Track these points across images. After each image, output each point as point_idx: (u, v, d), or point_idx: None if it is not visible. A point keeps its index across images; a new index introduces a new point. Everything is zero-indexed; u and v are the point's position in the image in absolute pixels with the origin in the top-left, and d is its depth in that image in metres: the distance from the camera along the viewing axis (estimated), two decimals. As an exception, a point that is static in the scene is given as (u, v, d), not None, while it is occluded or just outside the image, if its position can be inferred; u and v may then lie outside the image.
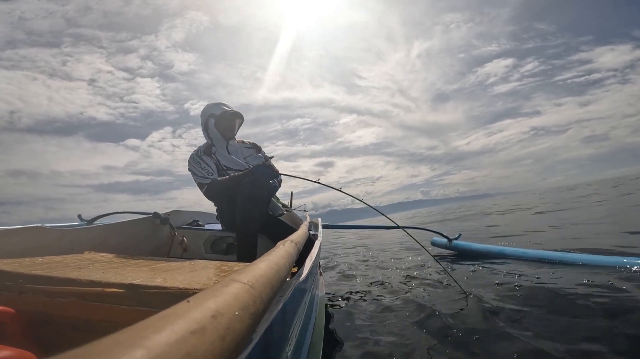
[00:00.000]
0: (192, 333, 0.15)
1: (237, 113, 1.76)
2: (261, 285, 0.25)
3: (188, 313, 0.15)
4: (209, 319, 0.15)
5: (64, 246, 1.10)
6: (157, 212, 1.69)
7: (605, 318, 1.19)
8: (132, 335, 0.15)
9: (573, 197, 10.43)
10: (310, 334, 0.89)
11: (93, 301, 0.51)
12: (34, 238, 1.01)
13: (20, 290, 0.54)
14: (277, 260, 0.37)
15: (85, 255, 0.92)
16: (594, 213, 5.04)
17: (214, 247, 1.82)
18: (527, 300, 1.49)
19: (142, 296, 0.51)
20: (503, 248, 2.64)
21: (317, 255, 0.89)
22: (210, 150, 1.76)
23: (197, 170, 1.67)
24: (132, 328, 0.15)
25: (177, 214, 1.97)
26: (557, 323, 1.22)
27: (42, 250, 1.01)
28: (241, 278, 0.24)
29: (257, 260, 0.35)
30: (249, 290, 0.22)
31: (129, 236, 1.49)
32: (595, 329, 1.12)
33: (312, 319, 0.96)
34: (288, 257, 0.43)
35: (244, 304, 0.19)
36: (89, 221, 1.73)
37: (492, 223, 6.09)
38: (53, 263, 0.71)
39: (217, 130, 1.73)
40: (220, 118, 1.72)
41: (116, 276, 0.59)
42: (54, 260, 0.77)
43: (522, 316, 1.31)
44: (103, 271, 0.66)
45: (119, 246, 1.39)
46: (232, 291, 0.20)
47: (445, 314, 1.44)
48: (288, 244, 0.52)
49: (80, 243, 1.17)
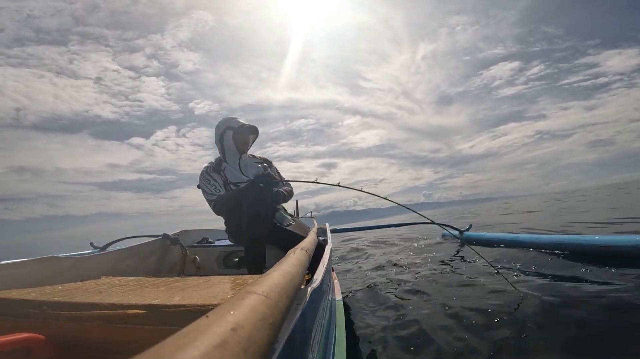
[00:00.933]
0: (215, 348, 0.16)
1: (254, 128, 1.79)
2: (277, 295, 0.26)
3: (209, 328, 0.16)
4: (230, 332, 0.16)
5: (80, 273, 1.13)
6: (166, 234, 1.73)
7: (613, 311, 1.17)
8: (157, 355, 0.16)
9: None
10: (333, 338, 0.89)
11: (116, 323, 0.52)
12: (49, 268, 1.04)
13: (45, 316, 0.56)
14: (289, 268, 0.37)
15: (103, 280, 0.94)
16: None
17: (226, 262, 1.84)
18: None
19: (163, 315, 0.52)
20: (517, 235, 2.60)
21: (328, 260, 0.90)
22: (219, 166, 1.79)
23: (206, 187, 1.71)
24: (156, 348, 0.16)
25: (186, 233, 2.01)
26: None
27: (59, 277, 1.03)
28: (256, 289, 0.24)
29: (270, 270, 0.35)
30: (265, 300, 0.23)
31: (142, 259, 1.52)
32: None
33: (333, 324, 0.96)
34: (300, 265, 0.44)
35: (261, 315, 0.20)
36: (102, 247, 1.78)
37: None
38: (73, 289, 0.73)
39: (234, 142, 1.76)
40: (239, 131, 1.75)
41: (136, 298, 0.60)
42: (74, 286, 0.79)
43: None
44: (122, 294, 0.67)
45: (134, 269, 1.42)
46: (248, 303, 0.20)
47: (473, 311, 1.41)
48: (298, 251, 0.52)
49: (95, 269, 1.20)
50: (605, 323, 1.10)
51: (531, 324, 1.18)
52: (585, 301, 1.28)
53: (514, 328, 1.19)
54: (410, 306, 1.63)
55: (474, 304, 1.48)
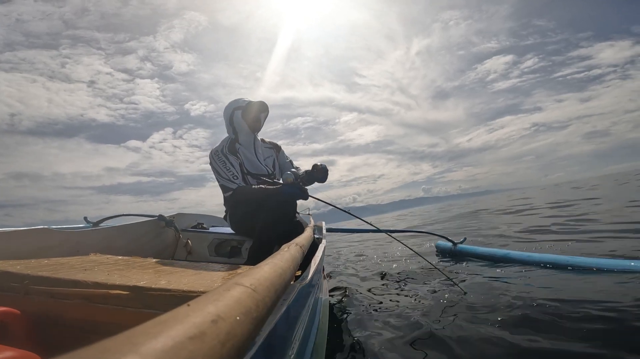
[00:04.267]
0: (191, 339, 0.14)
1: (263, 103, 1.71)
2: (264, 289, 0.25)
3: (187, 317, 0.14)
4: (209, 324, 0.15)
5: (69, 248, 1.11)
6: (162, 215, 1.70)
7: (604, 323, 1.16)
8: (124, 341, 0.15)
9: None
10: (314, 337, 0.88)
11: (98, 303, 0.51)
12: (40, 240, 1.02)
13: (25, 291, 0.54)
14: (281, 263, 0.36)
15: (90, 257, 0.92)
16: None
17: (218, 250, 1.82)
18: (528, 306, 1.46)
19: (146, 298, 0.51)
20: (508, 252, 2.60)
21: (321, 259, 0.89)
22: (234, 147, 1.70)
23: (222, 170, 1.60)
24: (126, 334, 0.14)
25: (181, 217, 1.97)
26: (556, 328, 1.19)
27: (48, 251, 1.02)
28: (244, 281, 0.23)
29: (262, 263, 0.34)
30: (252, 293, 0.22)
31: (134, 239, 1.50)
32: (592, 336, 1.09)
33: (316, 323, 0.95)
34: (292, 260, 0.43)
35: (246, 308, 0.19)
36: (95, 223, 1.75)
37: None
38: (59, 265, 0.72)
39: (245, 121, 1.69)
40: (247, 109, 1.68)
41: (121, 278, 0.59)
42: (60, 261, 0.77)
43: (520, 320, 1.28)
44: (108, 273, 0.66)
45: (124, 248, 1.40)
46: (234, 295, 0.19)
47: (447, 318, 1.42)
48: (293, 247, 0.51)
49: (85, 245, 1.18)
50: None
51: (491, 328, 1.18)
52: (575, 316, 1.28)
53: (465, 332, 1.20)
54: (393, 312, 1.62)
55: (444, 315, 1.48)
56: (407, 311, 1.64)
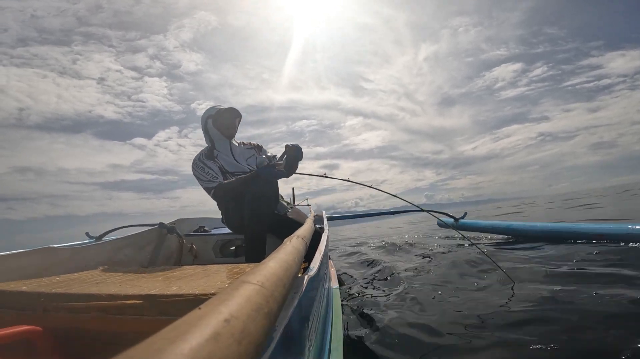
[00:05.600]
0: (207, 340, 0.15)
1: (233, 109, 1.74)
2: (272, 284, 0.25)
3: (201, 319, 0.15)
4: (222, 323, 0.15)
5: (77, 264, 1.12)
6: (162, 223, 1.72)
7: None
8: (146, 349, 0.15)
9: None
10: (330, 326, 0.90)
11: (115, 314, 0.52)
12: (45, 259, 1.03)
13: (43, 308, 0.56)
14: (285, 257, 0.37)
15: (99, 271, 0.94)
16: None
17: (223, 251, 1.85)
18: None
19: (161, 305, 0.52)
20: (510, 223, 2.64)
21: (325, 248, 0.90)
22: (212, 153, 1.74)
23: (202, 175, 1.66)
24: (146, 343, 0.15)
25: (182, 222, 1.99)
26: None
27: (56, 269, 1.03)
28: (251, 279, 0.24)
29: (266, 259, 0.35)
30: (260, 289, 0.22)
31: (139, 249, 1.52)
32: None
33: (330, 312, 0.97)
34: (296, 253, 0.43)
35: (256, 305, 0.19)
36: (97, 237, 1.77)
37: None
38: (70, 281, 0.73)
39: (217, 128, 1.72)
40: (217, 116, 1.71)
41: (134, 288, 0.60)
42: (71, 277, 0.79)
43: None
44: (120, 285, 0.67)
45: (131, 259, 1.42)
46: (243, 293, 0.20)
47: (467, 301, 1.41)
48: (295, 240, 0.52)
49: (92, 259, 1.19)
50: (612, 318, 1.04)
51: (532, 321, 1.13)
52: (590, 293, 1.25)
53: (516, 325, 1.12)
54: (406, 296, 1.64)
55: (471, 297, 1.47)
56: (419, 292, 1.65)
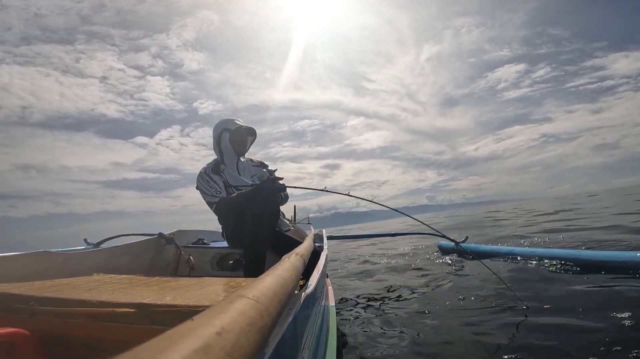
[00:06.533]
0: (196, 352, 0.15)
1: (251, 129, 1.77)
2: (267, 299, 0.25)
3: (193, 331, 0.15)
4: (214, 336, 0.15)
5: (72, 269, 1.11)
6: (161, 233, 1.71)
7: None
8: (137, 357, 0.15)
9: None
10: (324, 344, 0.87)
11: (104, 321, 0.51)
12: (41, 262, 1.03)
13: (32, 312, 0.55)
14: (282, 273, 0.37)
15: (94, 277, 0.92)
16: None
17: (220, 264, 1.83)
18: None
19: (153, 314, 0.51)
20: (512, 249, 2.60)
21: (324, 266, 0.89)
22: (218, 168, 1.76)
23: (206, 188, 1.68)
24: (137, 350, 0.15)
25: (181, 234, 1.99)
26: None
27: (50, 273, 1.02)
28: (246, 293, 0.24)
29: (264, 274, 0.35)
30: (255, 304, 0.22)
31: (136, 258, 1.50)
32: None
33: (324, 330, 0.94)
34: (294, 270, 0.43)
35: (250, 319, 0.19)
36: (95, 244, 1.76)
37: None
38: (62, 285, 0.72)
39: (231, 144, 1.74)
40: (235, 133, 1.73)
41: (126, 296, 0.59)
42: (64, 282, 0.78)
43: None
44: (113, 292, 0.66)
45: (127, 267, 1.40)
46: (237, 307, 0.20)
47: (476, 326, 1.39)
48: (293, 257, 0.52)
49: (87, 265, 1.18)
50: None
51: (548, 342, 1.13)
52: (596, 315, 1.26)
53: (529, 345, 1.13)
54: (406, 317, 1.61)
55: (477, 318, 1.45)
56: (417, 311, 1.63)
